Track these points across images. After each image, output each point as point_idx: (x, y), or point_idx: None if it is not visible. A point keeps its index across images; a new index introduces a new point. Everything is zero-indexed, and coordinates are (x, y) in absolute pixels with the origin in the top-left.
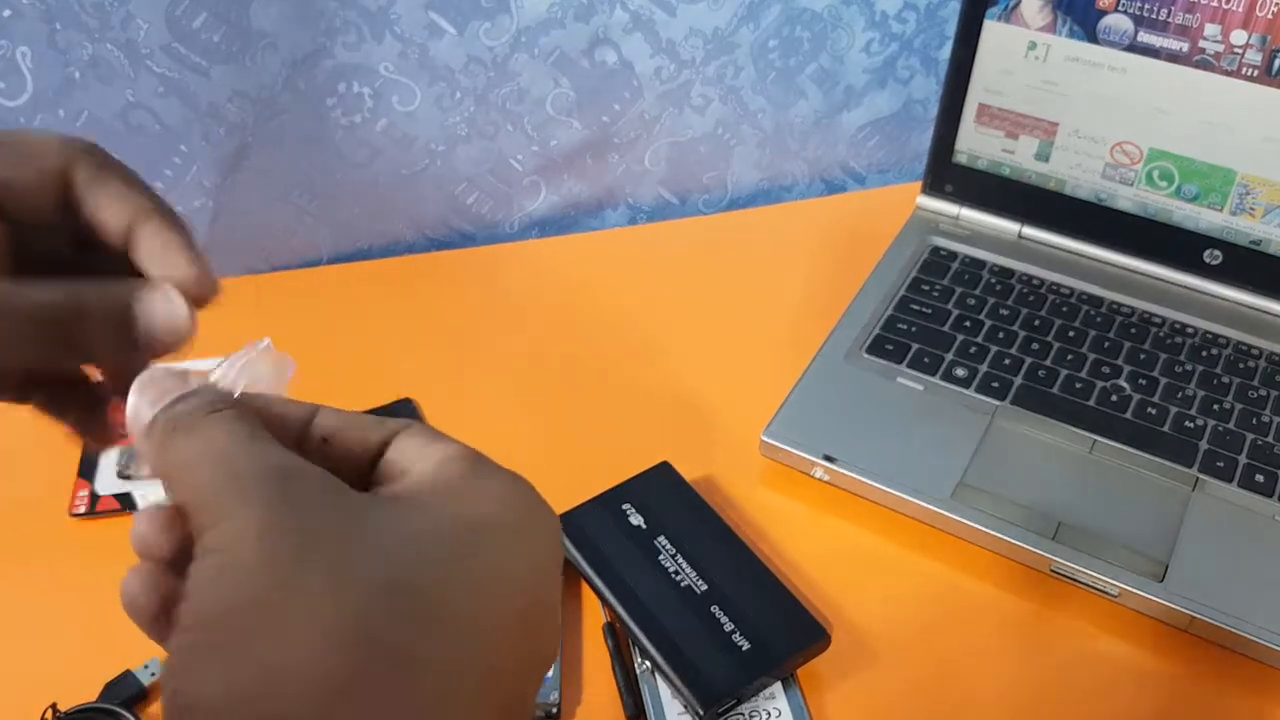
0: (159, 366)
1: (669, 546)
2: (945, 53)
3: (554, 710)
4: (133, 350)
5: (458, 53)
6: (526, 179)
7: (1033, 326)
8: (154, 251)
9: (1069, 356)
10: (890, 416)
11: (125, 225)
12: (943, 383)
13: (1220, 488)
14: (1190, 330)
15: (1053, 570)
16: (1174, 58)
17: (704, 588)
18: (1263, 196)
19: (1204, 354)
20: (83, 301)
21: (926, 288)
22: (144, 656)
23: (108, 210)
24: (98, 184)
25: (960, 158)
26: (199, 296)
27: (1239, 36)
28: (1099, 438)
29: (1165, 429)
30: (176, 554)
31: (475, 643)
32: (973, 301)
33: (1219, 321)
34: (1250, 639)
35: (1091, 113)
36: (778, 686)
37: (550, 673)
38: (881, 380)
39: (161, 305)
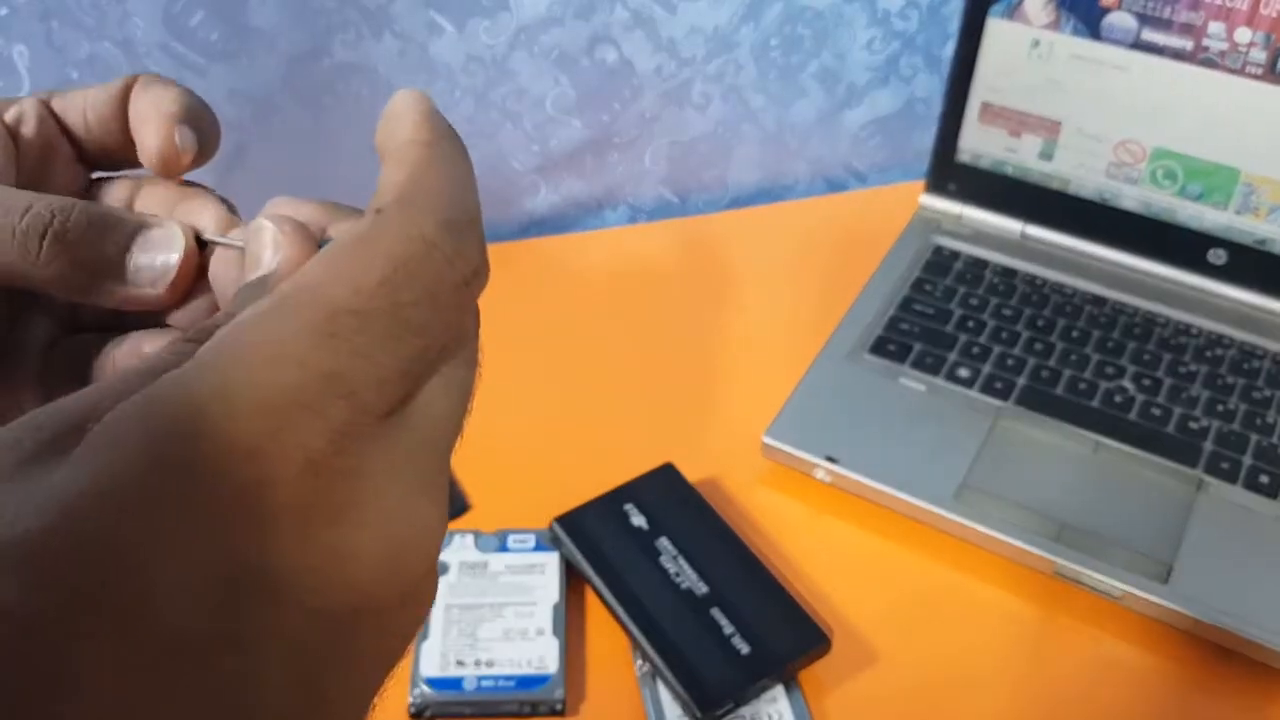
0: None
1: (670, 548)
2: (948, 51)
3: (559, 707)
4: (113, 283)
5: (457, 51)
6: (526, 178)
7: (1036, 327)
8: (142, 111)
9: (1072, 357)
10: (893, 417)
11: (153, 127)
12: (946, 383)
13: (1225, 489)
14: (1195, 331)
15: (1055, 572)
16: (1178, 56)
17: (705, 590)
18: (1267, 196)
19: (1208, 354)
20: (71, 212)
21: (929, 287)
22: None
23: (146, 109)
24: (147, 88)
25: (963, 156)
26: (168, 167)
27: (1243, 35)
28: (1103, 439)
29: (1169, 430)
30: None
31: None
32: (976, 301)
33: (1224, 322)
34: (1254, 641)
35: (1095, 111)
36: (779, 689)
37: (554, 669)
38: (884, 381)
39: (160, 241)
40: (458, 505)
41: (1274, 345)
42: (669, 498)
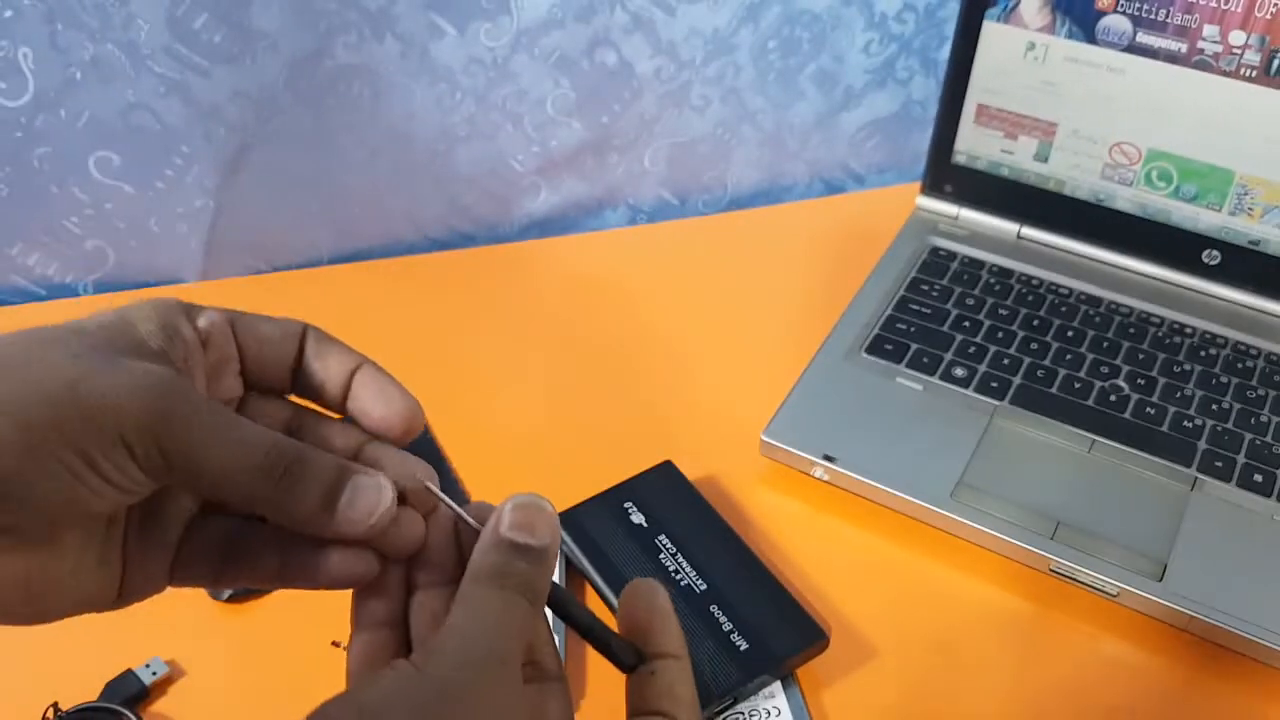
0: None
1: (669, 545)
2: (944, 53)
3: None
4: (322, 522)
5: (458, 53)
6: (527, 179)
7: (1032, 326)
8: (373, 392)
9: (1068, 356)
10: (890, 416)
11: (346, 376)
12: (942, 383)
13: (1219, 487)
14: (1189, 330)
15: (1052, 570)
16: (1173, 58)
17: (703, 587)
18: (1261, 196)
19: (1202, 354)
20: (307, 457)
21: (926, 288)
22: (145, 655)
23: (333, 366)
24: (324, 346)
25: (959, 158)
26: (410, 429)
27: (1237, 37)
28: (1098, 437)
29: (1164, 429)
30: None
31: None
32: (972, 301)
33: (1217, 321)
34: (1249, 638)
35: (1090, 113)
36: (777, 685)
37: None
38: (881, 380)
39: (372, 489)
40: (458, 501)
41: (1267, 344)
42: (668, 496)
